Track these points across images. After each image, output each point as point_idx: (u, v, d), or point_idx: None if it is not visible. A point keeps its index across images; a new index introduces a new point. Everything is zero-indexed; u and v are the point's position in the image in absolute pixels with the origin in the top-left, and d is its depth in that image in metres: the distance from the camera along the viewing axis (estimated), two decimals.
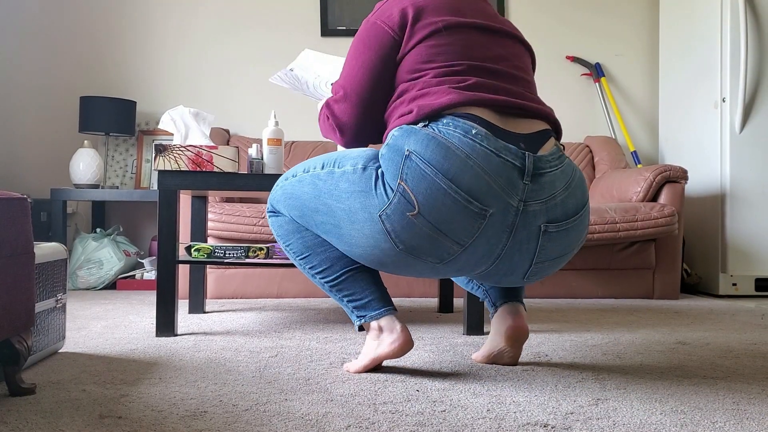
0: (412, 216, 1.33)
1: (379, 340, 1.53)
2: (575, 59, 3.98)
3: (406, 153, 1.34)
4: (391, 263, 1.43)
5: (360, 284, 1.53)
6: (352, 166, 1.41)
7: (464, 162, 1.31)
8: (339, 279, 1.53)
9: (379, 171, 1.38)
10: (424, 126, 1.37)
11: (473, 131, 1.34)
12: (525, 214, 1.35)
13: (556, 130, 1.51)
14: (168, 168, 2.03)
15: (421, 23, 1.48)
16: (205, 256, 2.12)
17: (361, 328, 1.56)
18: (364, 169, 1.39)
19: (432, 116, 1.38)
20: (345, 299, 1.55)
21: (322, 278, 1.55)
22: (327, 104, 1.58)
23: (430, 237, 1.34)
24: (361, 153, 1.44)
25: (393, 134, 1.40)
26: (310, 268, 1.56)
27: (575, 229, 1.44)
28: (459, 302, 2.85)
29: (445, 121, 1.36)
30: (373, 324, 1.53)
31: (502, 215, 1.33)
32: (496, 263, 1.41)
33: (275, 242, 2.88)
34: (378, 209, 1.35)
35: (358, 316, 1.54)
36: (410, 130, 1.37)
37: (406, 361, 1.68)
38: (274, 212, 1.60)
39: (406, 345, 1.50)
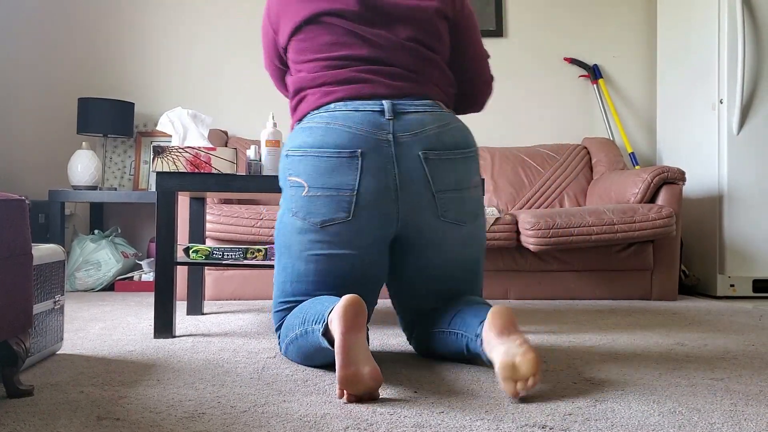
0: (305, 194, 1.55)
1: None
2: (573, 61, 3.99)
3: (285, 153, 1.63)
4: (327, 261, 1.55)
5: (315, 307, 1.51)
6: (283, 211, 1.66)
7: (325, 129, 1.55)
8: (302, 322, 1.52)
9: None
10: (298, 122, 1.68)
11: (332, 106, 1.59)
12: (399, 145, 1.55)
13: (441, 99, 1.71)
14: (166, 169, 2.03)
15: (284, 22, 1.73)
16: (204, 257, 2.12)
17: (327, 338, 1.40)
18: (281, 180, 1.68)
19: (302, 118, 1.69)
20: (311, 325, 1.47)
21: (299, 333, 1.53)
22: None
23: (329, 198, 1.53)
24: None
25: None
26: (292, 341, 1.57)
27: (462, 163, 1.61)
28: None
29: (310, 115, 1.64)
30: (330, 320, 1.37)
31: (376, 150, 1.53)
32: (399, 199, 1.54)
33: (273, 243, 2.88)
34: (289, 213, 1.59)
35: (317, 327, 1.44)
36: (289, 136, 1.67)
37: (405, 362, 1.68)
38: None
39: (346, 306, 1.32)
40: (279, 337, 1.66)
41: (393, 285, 1.71)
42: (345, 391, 1.28)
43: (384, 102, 1.59)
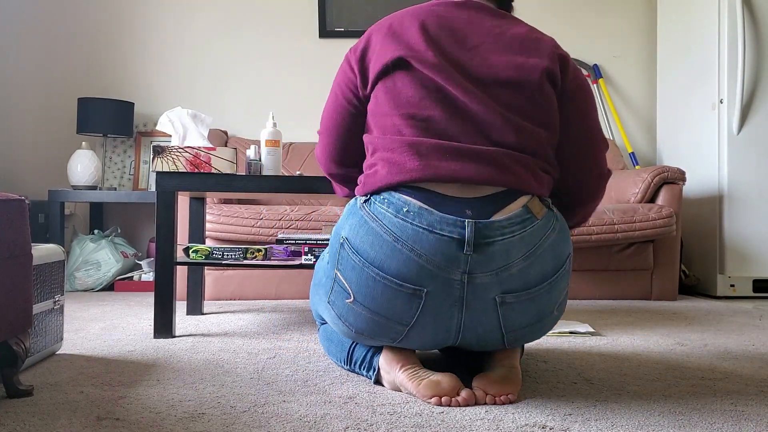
0: (350, 303, 1.34)
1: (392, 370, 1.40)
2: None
3: (341, 240, 1.34)
4: (360, 340, 1.44)
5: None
6: (326, 258, 1.46)
7: (392, 246, 1.26)
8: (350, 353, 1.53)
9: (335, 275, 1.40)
10: (365, 201, 1.34)
11: (404, 209, 1.27)
12: (473, 287, 1.26)
13: (538, 192, 1.34)
14: (166, 169, 2.03)
15: (372, 59, 1.42)
16: (203, 257, 2.12)
17: (378, 382, 1.45)
18: (330, 262, 1.42)
19: (374, 192, 1.34)
20: (359, 368, 1.51)
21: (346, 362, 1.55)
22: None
23: (373, 320, 1.33)
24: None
25: (344, 211, 1.41)
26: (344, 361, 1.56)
27: (545, 296, 1.33)
28: None
29: (382, 196, 1.32)
30: (380, 363, 1.42)
31: (443, 291, 1.26)
32: (461, 336, 1.33)
33: (273, 243, 2.88)
34: (327, 296, 1.42)
35: (368, 372, 1.47)
36: (351, 210, 1.37)
37: None
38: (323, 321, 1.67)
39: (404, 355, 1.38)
40: (319, 332, 1.69)
41: None
42: (436, 397, 1.29)
43: (467, 224, 1.24)
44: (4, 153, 3.79)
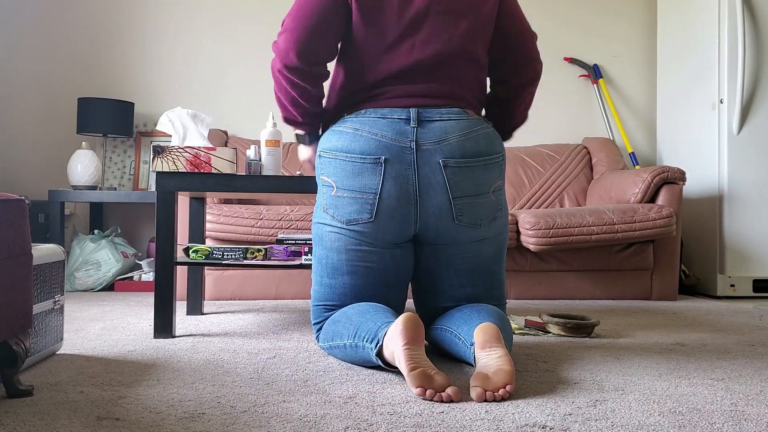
0: (334, 194, 1.67)
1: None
2: (573, 61, 3.99)
3: (318, 155, 1.74)
4: (356, 254, 1.67)
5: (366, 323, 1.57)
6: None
7: (353, 135, 1.65)
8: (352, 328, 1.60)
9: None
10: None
11: (363, 111, 1.68)
12: (421, 152, 1.63)
13: (471, 105, 1.75)
14: (166, 169, 2.03)
15: None
16: (203, 257, 2.12)
17: (381, 359, 1.47)
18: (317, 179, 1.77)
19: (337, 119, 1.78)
20: (362, 341, 1.53)
21: (345, 343, 1.60)
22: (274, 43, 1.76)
23: (354, 199, 1.64)
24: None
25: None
26: (338, 345, 1.64)
27: (481, 171, 1.66)
28: None
29: (342, 119, 1.73)
30: (387, 333, 1.44)
31: (398, 157, 1.62)
32: (418, 203, 1.63)
33: (273, 243, 2.88)
34: (321, 208, 1.71)
35: (371, 343, 1.50)
36: (323, 137, 1.75)
37: None
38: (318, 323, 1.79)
39: (406, 322, 1.40)
40: (317, 331, 1.76)
41: (414, 283, 1.81)
42: (424, 389, 1.31)
43: (411, 110, 1.66)
44: (4, 153, 3.79)
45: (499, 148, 1.73)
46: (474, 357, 1.48)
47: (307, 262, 2.09)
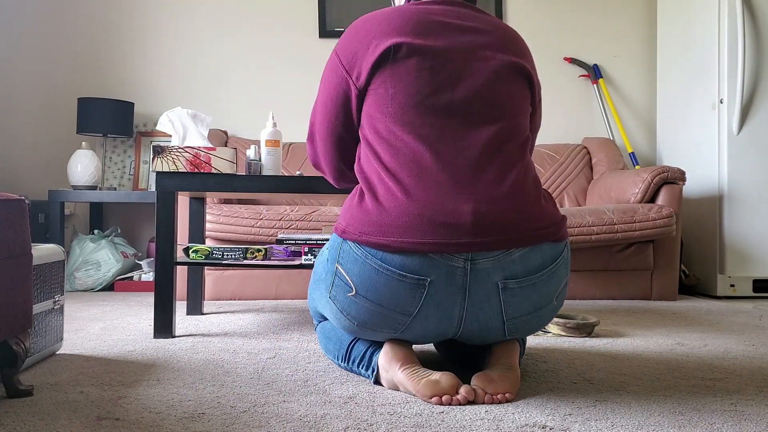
0: (352, 296, 1.35)
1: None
2: (573, 60, 3.99)
3: (342, 238, 1.36)
4: (363, 334, 1.44)
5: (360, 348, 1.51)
6: (326, 255, 1.45)
7: (397, 244, 1.28)
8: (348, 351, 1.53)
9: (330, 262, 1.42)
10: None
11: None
12: (475, 272, 1.29)
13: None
14: (166, 169, 2.03)
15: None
16: (203, 257, 2.12)
17: (377, 381, 1.45)
18: (329, 259, 1.42)
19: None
20: (357, 367, 1.50)
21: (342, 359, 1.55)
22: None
23: (375, 311, 1.34)
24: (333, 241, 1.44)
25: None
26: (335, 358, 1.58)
27: (546, 283, 1.35)
28: None
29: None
30: (379, 361, 1.42)
31: (446, 279, 1.29)
32: (463, 324, 1.35)
33: (273, 243, 2.88)
34: (327, 292, 1.41)
35: (367, 371, 1.47)
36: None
37: None
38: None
39: (393, 346, 1.39)
40: (316, 330, 1.69)
41: None
42: (438, 397, 1.29)
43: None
44: (4, 153, 3.79)
45: (564, 244, 1.39)
46: (485, 361, 1.45)
47: (307, 262, 2.09)
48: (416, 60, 1.36)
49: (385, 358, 1.40)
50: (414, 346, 1.83)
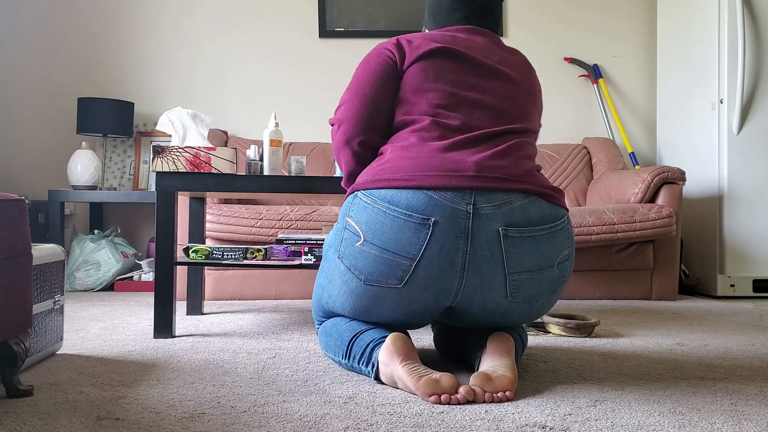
0: (359, 245, 1.40)
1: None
2: (573, 60, 3.99)
3: (353, 191, 1.47)
4: (368, 302, 1.46)
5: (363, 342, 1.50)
6: (335, 226, 1.53)
7: (405, 182, 1.39)
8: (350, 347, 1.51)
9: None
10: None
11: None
12: (478, 218, 1.36)
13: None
14: (166, 169, 2.03)
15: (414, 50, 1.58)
16: (203, 257, 2.12)
17: (377, 377, 1.45)
18: (340, 218, 1.49)
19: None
20: (358, 364, 1.50)
21: (343, 357, 1.53)
22: (331, 121, 1.64)
23: (382, 259, 1.38)
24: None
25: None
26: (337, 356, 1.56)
27: (547, 240, 1.41)
28: None
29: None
30: (380, 356, 1.42)
31: (450, 221, 1.35)
32: (465, 276, 1.38)
33: (273, 243, 2.88)
34: (336, 252, 1.46)
35: (367, 367, 1.47)
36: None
37: None
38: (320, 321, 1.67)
39: (396, 341, 1.40)
40: (318, 331, 1.68)
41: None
42: (437, 395, 1.29)
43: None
44: (4, 153, 3.79)
45: (564, 211, 1.48)
46: (479, 360, 1.47)
47: (307, 262, 2.09)
48: (453, 62, 1.57)
49: (386, 352, 1.40)
50: (415, 344, 1.83)
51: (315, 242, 2.11)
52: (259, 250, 2.11)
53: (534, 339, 2.03)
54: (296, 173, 2.17)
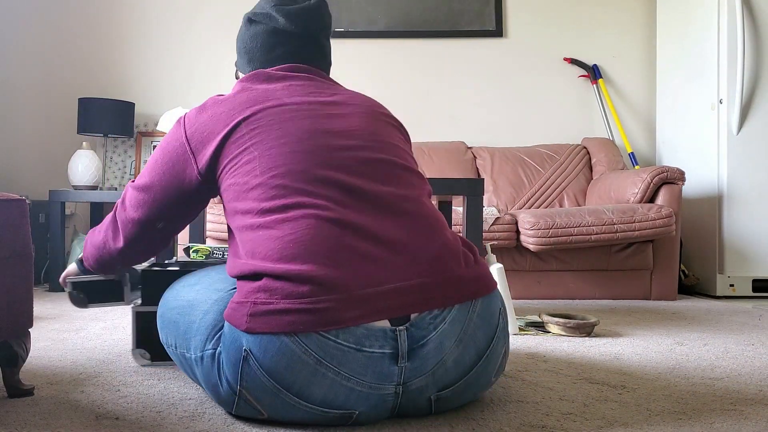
0: (263, 418, 1.13)
1: None
2: (573, 61, 3.99)
3: (244, 354, 1.08)
4: None
5: None
6: (195, 353, 1.19)
7: (314, 371, 1.05)
8: None
9: (221, 359, 1.13)
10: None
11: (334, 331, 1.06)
12: (407, 394, 1.11)
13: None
14: None
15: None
16: (204, 257, 2.12)
17: None
18: (204, 358, 1.17)
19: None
20: None
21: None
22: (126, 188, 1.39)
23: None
24: (204, 328, 1.19)
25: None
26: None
27: (482, 375, 1.19)
28: None
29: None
30: None
31: (375, 407, 1.11)
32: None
33: None
34: (230, 406, 1.15)
35: None
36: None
37: None
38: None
39: None
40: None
41: None
42: None
43: (398, 335, 1.08)
44: (4, 153, 3.79)
45: (497, 302, 1.21)
46: None
47: None
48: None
49: None
50: None
51: None
52: None
53: (534, 338, 2.03)
54: None
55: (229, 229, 1.25)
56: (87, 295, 1.57)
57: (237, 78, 1.47)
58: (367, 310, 1.07)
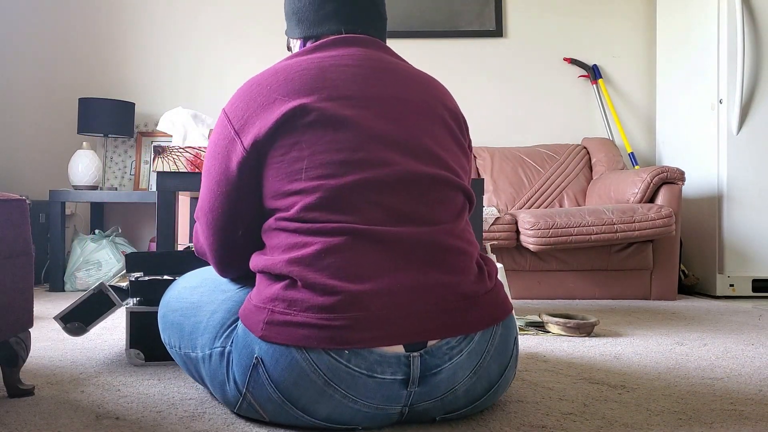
0: (264, 421, 1.14)
1: None
2: (573, 61, 3.99)
3: (255, 361, 1.08)
4: None
5: None
6: (203, 351, 1.19)
7: (322, 391, 1.05)
8: None
9: (230, 358, 1.13)
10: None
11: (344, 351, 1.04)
12: (413, 413, 1.11)
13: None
14: (167, 169, 2.03)
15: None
16: None
17: None
18: (213, 355, 1.16)
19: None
20: None
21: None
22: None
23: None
24: (212, 326, 1.18)
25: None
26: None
27: (490, 402, 1.19)
28: None
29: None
30: None
31: (380, 423, 1.11)
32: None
33: None
34: (233, 406, 1.15)
35: None
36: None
37: None
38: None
39: None
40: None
41: None
42: None
43: (411, 361, 1.06)
44: (5, 153, 3.79)
45: (514, 332, 1.20)
46: None
47: None
48: None
49: None
50: None
51: None
52: None
53: (534, 339, 2.03)
54: None
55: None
56: (79, 320, 1.58)
57: (289, 50, 1.36)
58: (382, 332, 1.04)
